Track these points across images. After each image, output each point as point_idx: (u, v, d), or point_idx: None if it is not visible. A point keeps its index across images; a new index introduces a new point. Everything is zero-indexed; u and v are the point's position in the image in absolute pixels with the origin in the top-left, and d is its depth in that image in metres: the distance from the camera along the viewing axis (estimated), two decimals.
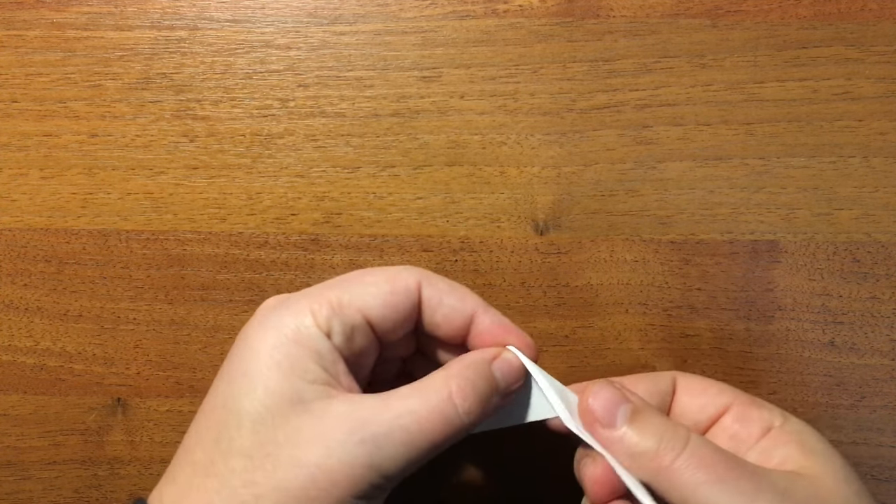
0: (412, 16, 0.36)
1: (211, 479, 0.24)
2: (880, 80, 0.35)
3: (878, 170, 0.35)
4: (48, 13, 0.36)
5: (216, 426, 0.25)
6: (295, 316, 0.26)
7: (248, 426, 0.24)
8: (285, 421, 0.24)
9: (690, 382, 0.30)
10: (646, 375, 0.30)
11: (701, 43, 0.36)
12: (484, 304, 0.28)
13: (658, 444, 0.26)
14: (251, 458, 0.24)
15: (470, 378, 0.26)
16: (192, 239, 0.36)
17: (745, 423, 0.28)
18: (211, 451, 0.25)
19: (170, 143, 0.36)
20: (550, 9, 0.36)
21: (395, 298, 0.27)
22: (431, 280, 0.28)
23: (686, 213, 0.35)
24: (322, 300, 0.26)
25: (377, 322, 0.27)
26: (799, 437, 0.27)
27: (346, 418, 0.24)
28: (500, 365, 0.27)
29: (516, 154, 0.36)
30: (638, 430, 0.26)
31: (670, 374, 0.30)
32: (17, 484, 0.36)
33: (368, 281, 0.27)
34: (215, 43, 0.36)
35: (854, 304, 0.35)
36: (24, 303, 0.36)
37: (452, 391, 0.25)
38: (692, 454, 0.25)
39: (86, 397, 0.36)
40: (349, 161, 0.36)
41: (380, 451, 0.24)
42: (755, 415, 0.28)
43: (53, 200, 0.36)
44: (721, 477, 0.24)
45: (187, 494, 0.25)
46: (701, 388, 0.30)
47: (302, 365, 0.25)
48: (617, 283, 0.35)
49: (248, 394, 0.25)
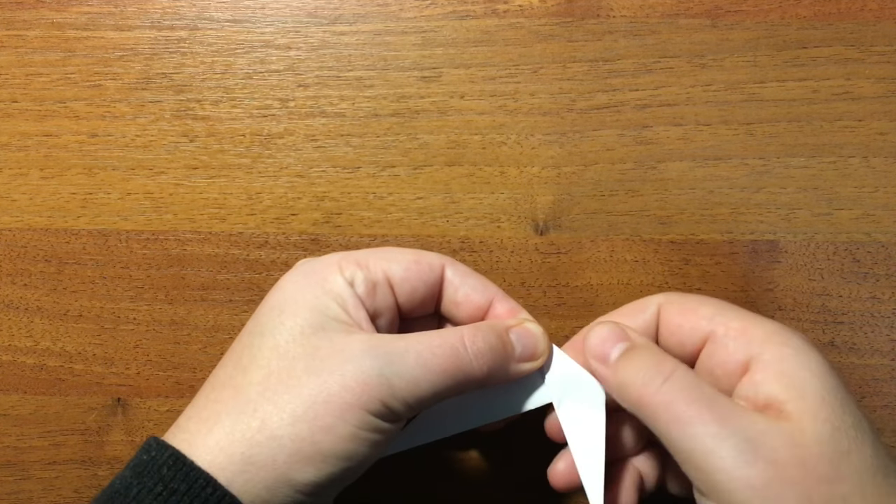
0: (412, 16, 0.36)
1: (228, 390, 0.26)
2: (880, 80, 0.35)
3: (878, 170, 0.35)
4: (48, 13, 0.36)
5: (240, 350, 0.27)
6: (324, 267, 0.28)
7: (269, 345, 0.26)
8: (306, 340, 0.26)
9: (671, 312, 0.29)
10: (631, 307, 0.30)
11: (701, 43, 0.36)
12: (503, 294, 0.30)
13: (642, 378, 0.26)
14: (269, 371, 0.26)
15: (482, 329, 0.28)
16: (192, 239, 0.36)
17: (724, 358, 0.27)
18: (232, 370, 0.26)
19: (170, 143, 0.36)
20: (550, 9, 0.36)
21: (418, 267, 0.29)
22: (456, 264, 0.30)
23: (686, 213, 0.35)
24: (350, 258, 0.28)
25: (397, 283, 0.28)
26: (779, 367, 0.25)
27: (363, 341, 0.26)
28: (519, 331, 0.29)
29: (516, 154, 0.36)
30: (626, 364, 0.27)
31: (655, 301, 0.30)
32: (17, 484, 0.36)
33: (395, 251, 0.29)
34: (215, 43, 0.36)
35: (854, 304, 0.35)
36: (24, 303, 0.36)
37: (464, 334, 0.27)
38: (671, 389, 0.25)
39: (86, 397, 0.36)
40: (349, 161, 0.36)
41: (391, 366, 0.25)
42: (732, 347, 0.27)
43: (53, 200, 0.36)
44: (692, 418, 0.24)
45: (204, 407, 0.26)
46: (681, 317, 0.29)
47: (326, 303, 0.27)
48: (617, 283, 0.35)
49: (272, 321, 0.27)
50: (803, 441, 0.24)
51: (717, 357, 0.27)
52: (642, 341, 0.28)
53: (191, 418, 0.26)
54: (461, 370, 0.26)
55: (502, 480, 0.35)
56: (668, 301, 0.29)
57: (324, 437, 0.24)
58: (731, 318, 0.27)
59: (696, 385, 0.25)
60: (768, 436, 0.24)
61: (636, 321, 0.29)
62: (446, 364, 0.26)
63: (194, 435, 0.25)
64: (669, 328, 0.29)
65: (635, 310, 0.30)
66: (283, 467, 0.24)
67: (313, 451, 0.24)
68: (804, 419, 0.24)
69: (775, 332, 0.26)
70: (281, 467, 0.24)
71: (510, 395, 0.29)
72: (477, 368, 0.27)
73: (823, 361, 0.26)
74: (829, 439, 0.24)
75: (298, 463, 0.24)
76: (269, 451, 0.24)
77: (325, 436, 0.25)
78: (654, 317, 0.29)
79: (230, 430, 0.25)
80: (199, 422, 0.26)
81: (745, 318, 0.27)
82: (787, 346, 0.26)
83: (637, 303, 0.30)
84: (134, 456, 0.26)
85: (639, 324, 0.29)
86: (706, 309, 0.28)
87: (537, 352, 0.29)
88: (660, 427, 0.25)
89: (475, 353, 0.27)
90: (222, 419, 0.25)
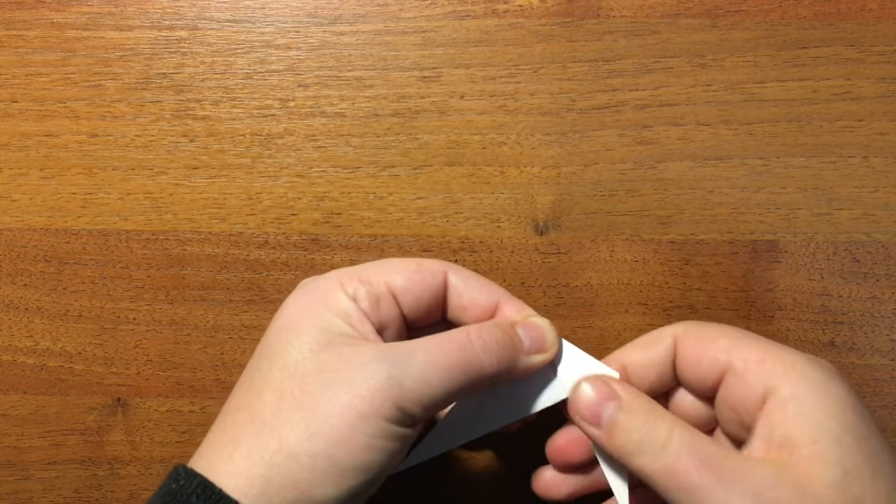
0: (412, 16, 0.36)
1: (243, 414, 0.26)
2: (880, 80, 0.35)
3: (878, 170, 0.35)
4: (48, 13, 0.36)
5: (250, 374, 0.27)
6: (326, 285, 0.28)
7: (278, 366, 0.26)
8: (314, 357, 0.26)
9: (688, 344, 0.28)
10: (645, 339, 0.29)
11: (701, 43, 0.36)
12: (508, 294, 0.30)
13: (638, 445, 0.25)
14: (281, 391, 0.26)
15: (487, 325, 0.28)
16: (192, 239, 0.36)
17: (743, 393, 0.26)
18: (245, 394, 0.27)
19: (170, 143, 0.36)
20: (550, 9, 0.36)
21: (420, 276, 0.29)
22: (458, 269, 0.30)
23: (686, 213, 0.35)
24: (351, 274, 0.28)
25: (400, 293, 0.28)
26: (795, 406, 0.24)
27: (370, 350, 0.26)
28: (525, 325, 0.28)
29: (516, 154, 0.36)
30: (619, 431, 0.26)
31: (671, 332, 0.29)
32: (17, 484, 0.36)
33: (395, 262, 0.29)
34: (215, 43, 0.36)
35: (854, 304, 0.35)
36: (24, 303, 0.36)
37: (470, 331, 0.27)
38: (670, 455, 0.25)
39: (86, 397, 0.36)
40: (349, 161, 0.36)
41: (400, 368, 0.25)
42: (751, 380, 0.26)
43: (53, 200, 0.36)
44: (695, 485, 0.24)
45: (221, 433, 0.26)
46: (698, 349, 0.28)
47: (330, 320, 0.27)
48: (617, 283, 0.35)
49: (279, 342, 0.27)
50: (812, 489, 0.23)
51: (737, 392, 0.26)
52: (631, 397, 0.27)
53: (210, 446, 0.26)
54: (471, 365, 0.26)
55: (501, 482, 0.36)
56: (684, 332, 0.28)
57: (340, 450, 0.24)
58: (749, 349, 0.26)
59: (695, 445, 0.25)
60: (776, 489, 0.23)
61: (651, 354, 0.29)
62: (455, 360, 0.26)
63: (214, 462, 0.25)
64: (687, 361, 0.28)
65: (650, 342, 0.29)
66: (304, 485, 0.24)
67: (330, 466, 0.24)
68: (815, 464, 0.23)
69: (795, 364, 0.25)
70: (301, 485, 0.24)
71: (525, 393, 0.29)
72: (486, 362, 0.26)
73: (845, 394, 0.25)
74: (839, 484, 0.23)
75: (317, 479, 0.24)
76: (289, 470, 0.24)
77: (341, 448, 0.24)
78: (670, 349, 0.29)
79: (248, 454, 0.25)
80: (218, 448, 0.25)
81: (764, 349, 0.26)
82: (806, 379, 0.25)
83: (652, 334, 0.29)
84: (162, 484, 0.26)
85: (653, 357, 0.29)
86: (724, 340, 0.27)
87: (546, 344, 0.28)
88: (664, 493, 0.25)
89: (483, 347, 0.26)
90: (240, 443, 0.25)
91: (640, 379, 0.29)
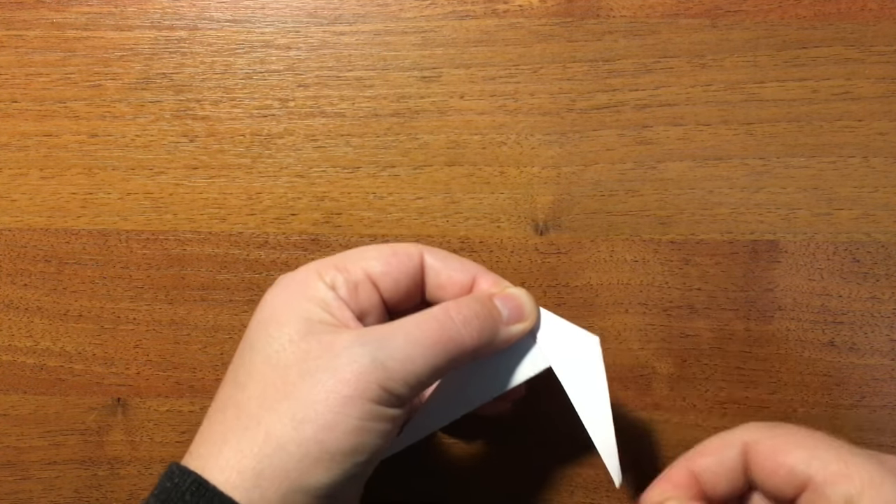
0: (412, 16, 0.36)
1: (230, 410, 0.26)
2: (880, 80, 0.35)
3: (878, 170, 0.35)
4: (48, 13, 0.36)
5: (234, 369, 0.27)
6: (303, 276, 0.28)
7: (261, 358, 0.26)
8: (295, 346, 0.26)
9: (762, 453, 0.27)
10: (713, 444, 0.29)
11: (701, 43, 0.36)
12: (484, 270, 0.30)
13: None
14: (265, 383, 0.26)
15: (465, 299, 0.28)
16: (192, 239, 0.36)
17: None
18: (231, 389, 0.27)
19: (170, 143, 0.36)
20: (550, 9, 0.36)
21: (397, 259, 0.29)
22: (433, 249, 0.30)
23: (686, 213, 0.35)
24: (328, 264, 0.28)
25: (378, 278, 0.28)
26: None
27: (351, 335, 0.26)
28: (503, 296, 0.29)
29: (516, 154, 0.36)
30: None
31: (739, 438, 0.28)
32: (17, 484, 0.36)
33: (371, 248, 0.29)
34: (215, 43, 0.36)
35: (854, 304, 0.35)
36: (24, 303, 0.36)
37: (449, 307, 0.27)
38: None
39: (86, 397, 0.36)
40: (349, 161, 0.36)
41: (382, 349, 0.25)
42: (832, 496, 0.25)
43: (53, 200, 0.36)
44: None
45: (210, 430, 0.26)
46: (774, 460, 0.27)
47: (310, 309, 0.27)
48: (617, 283, 0.35)
49: (260, 335, 0.27)
50: None
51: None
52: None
53: (201, 443, 0.26)
54: (452, 340, 0.26)
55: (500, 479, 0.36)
56: (754, 440, 0.28)
57: (328, 435, 0.24)
58: (828, 460, 0.26)
59: None
60: None
61: (722, 461, 0.28)
62: (436, 337, 0.26)
63: (206, 459, 0.25)
64: (764, 471, 0.27)
65: (719, 447, 0.28)
66: (295, 474, 0.24)
67: (320, 452, 0.24)
68: None
69: (874, 476, 0.25)
70: (292, 474, 0.24)
71: (508, 365, 0.29)
72: (467, 336, 0.27)
73: None
74: None
75: (308, 467, 0.24)
76: (279, 461, 0.24)
77: (329, 433, 0.24)
78: (741, 455, 0.28)
79: (238, 449, 0.25)
80: (209, 445, 0.26)
81: (844, 459, 0.26)
82: (883, 492, 0.25)
83: (719, 439, 0.29)
84: (157, 483, 0.26)
85: (725, 462, 0.28)
86: (800, 452, 0.27)
87: (524, 313, 0.29)
88: None
89: (462, 322, 0.27)
90: (228, 439, 0.25)
91: (711, 485, 0.28)
